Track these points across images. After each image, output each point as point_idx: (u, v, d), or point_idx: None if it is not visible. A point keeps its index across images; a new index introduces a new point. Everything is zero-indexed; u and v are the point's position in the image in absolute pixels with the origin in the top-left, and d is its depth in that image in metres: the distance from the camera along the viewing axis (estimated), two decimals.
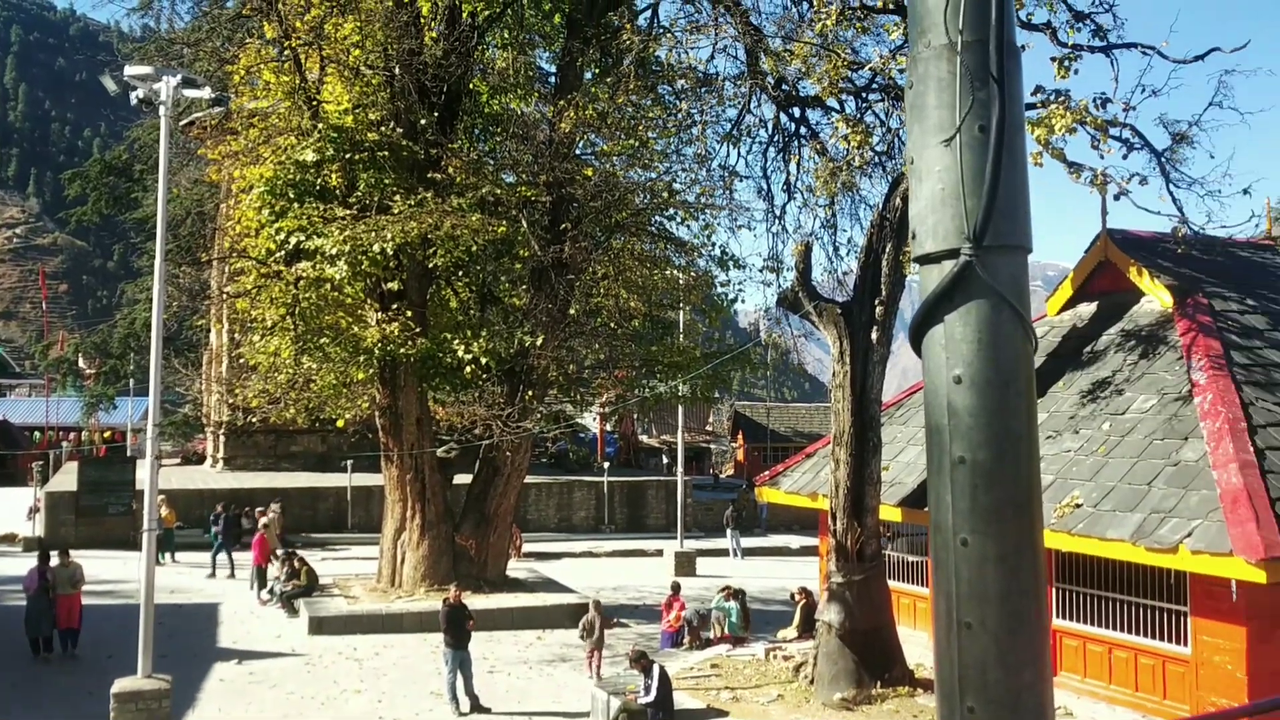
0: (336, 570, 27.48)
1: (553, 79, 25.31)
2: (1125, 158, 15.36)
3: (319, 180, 21.08)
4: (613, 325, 23.70)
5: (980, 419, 2.28)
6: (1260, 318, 15.23)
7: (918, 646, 15.19)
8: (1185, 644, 12.32)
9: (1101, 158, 15.09)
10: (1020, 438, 2.29)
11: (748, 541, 37.07)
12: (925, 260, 2.40)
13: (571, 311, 22.79)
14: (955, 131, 2.30)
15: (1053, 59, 14.96)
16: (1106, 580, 13.52)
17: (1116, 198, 15.04)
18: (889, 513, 15.67)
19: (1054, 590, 14.06)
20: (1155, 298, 15.53)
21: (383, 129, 21.10)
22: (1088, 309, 16.90)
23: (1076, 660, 13.76)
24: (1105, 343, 15.77)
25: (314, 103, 20.66)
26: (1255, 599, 11.40)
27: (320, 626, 21.08)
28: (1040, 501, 2.34)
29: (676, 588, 20.69)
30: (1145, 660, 12.89)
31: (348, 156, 20.66)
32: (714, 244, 24.31)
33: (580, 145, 22.65)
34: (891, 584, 15.75)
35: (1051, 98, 15.02)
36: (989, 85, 2.28)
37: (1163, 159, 15.37)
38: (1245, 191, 15.34)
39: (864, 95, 16.65)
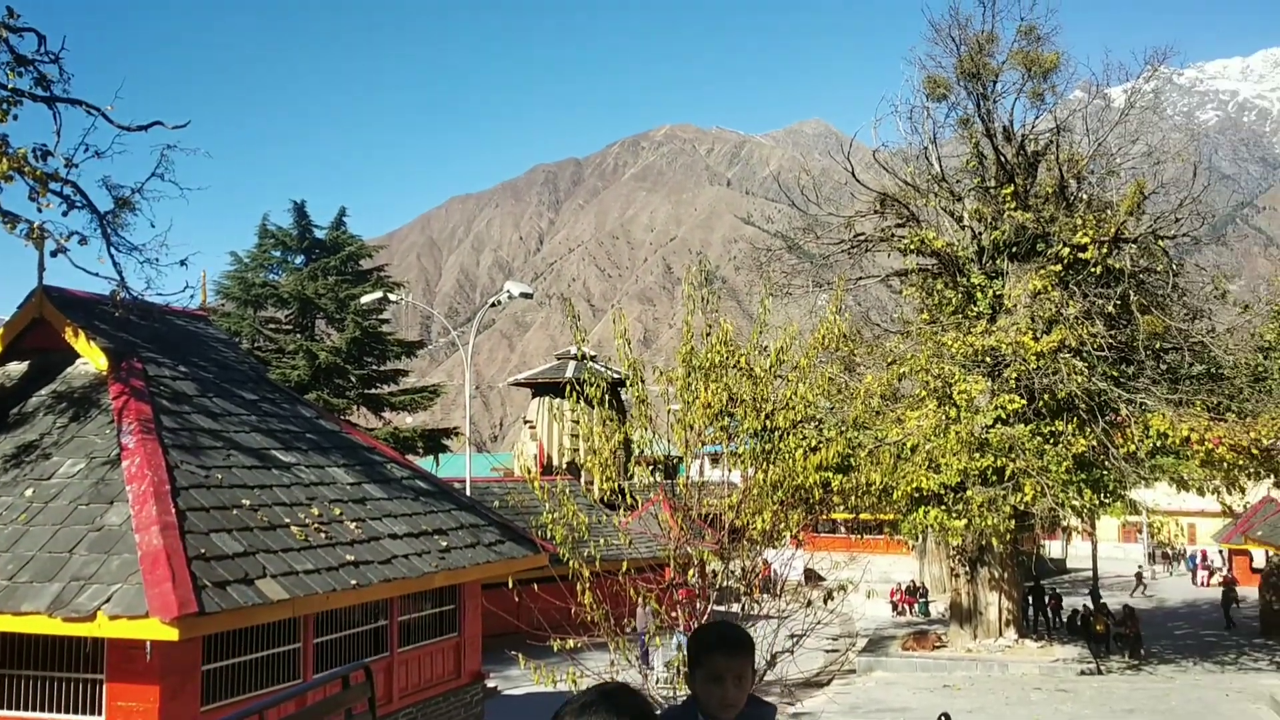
0: None
1: None
2: (66, 214, 14.96)
3: None
4: None
5: None
6: (191, 384, 15.92)
7: None
8: (100, 713, 12.07)
9: (40, 211, 14.48)
10: None
11: None
12: None
13: None
14: None
15: None
16: (24, 659, 12.64)
17: (54, 254, 14.55)
18: None
19: None
20: (91, 360, 15.25)
21: None
22: (18, 368, 15.89)
23: None
24: (36, 404, 14.96)
25: None
26: (170, 657, 11.67)
27: None
28: None
29: None
30: None
31: None
32: None
33: None
34: None
35: None
36: None
37: (105, 221, 15.34)
38: (183, 263, 16.13)
39: None
